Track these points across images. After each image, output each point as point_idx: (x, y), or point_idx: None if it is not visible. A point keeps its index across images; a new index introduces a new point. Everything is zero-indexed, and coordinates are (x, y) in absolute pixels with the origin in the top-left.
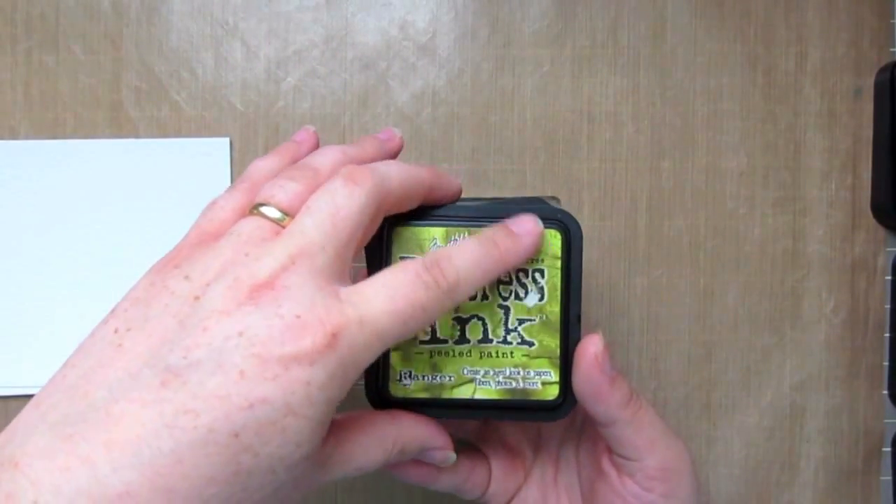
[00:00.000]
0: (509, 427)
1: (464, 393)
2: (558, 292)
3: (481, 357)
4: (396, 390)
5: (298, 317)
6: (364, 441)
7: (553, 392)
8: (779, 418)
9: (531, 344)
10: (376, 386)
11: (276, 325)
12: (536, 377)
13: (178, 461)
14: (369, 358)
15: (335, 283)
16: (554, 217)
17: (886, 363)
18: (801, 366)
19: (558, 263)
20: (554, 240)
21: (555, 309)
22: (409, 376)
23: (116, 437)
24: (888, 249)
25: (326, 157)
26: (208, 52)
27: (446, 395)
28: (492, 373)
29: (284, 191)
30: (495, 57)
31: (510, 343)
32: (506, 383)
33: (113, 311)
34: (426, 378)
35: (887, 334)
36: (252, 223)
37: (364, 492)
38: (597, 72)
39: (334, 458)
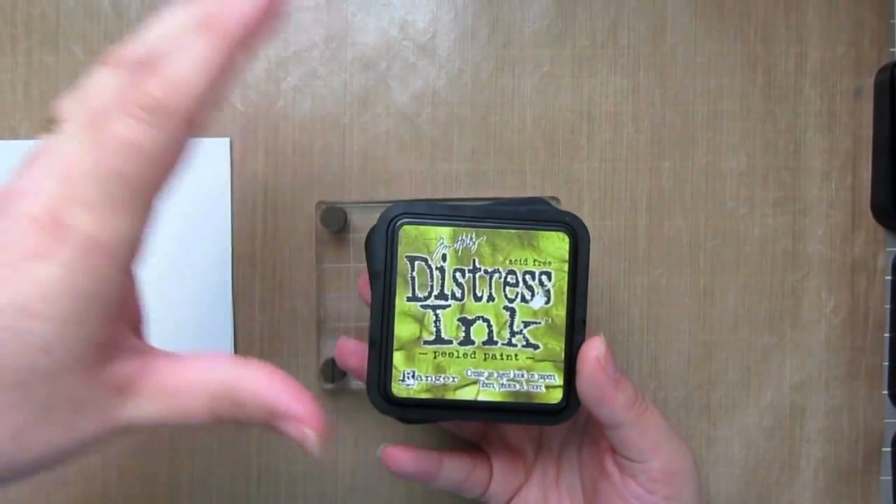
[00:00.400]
0: (511, 426)
1: (467, 394)
2: (564, 296)
3: (486, 359)
4: (399, 390)
5: (31, 216)
6: (181, 377)
7: (557, 396)
8: (779, 418)
9: (536, 347)
10: (378, 386)
11: (11, 230)
12: (541, 380)
13: None
14: (114, 238)
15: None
16: (562, 220)
17: (886, 363)
18: (801, 366)
19: (565, 266)
20: (561, 242)
21: (560, 312)
22: (413, 377)
23: None
24: (888, 249)
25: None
26: None
27: (449, 396)
28: (496, 375)
29: (69, 96)
30: (495, 57)
31: (515, 345)
32: (510, 386)
33: None
34: (429, 379)
35: (887, 334)
36: (39, 141)
37: (365, 491)
38: (597, 72)
39: (137, 389)
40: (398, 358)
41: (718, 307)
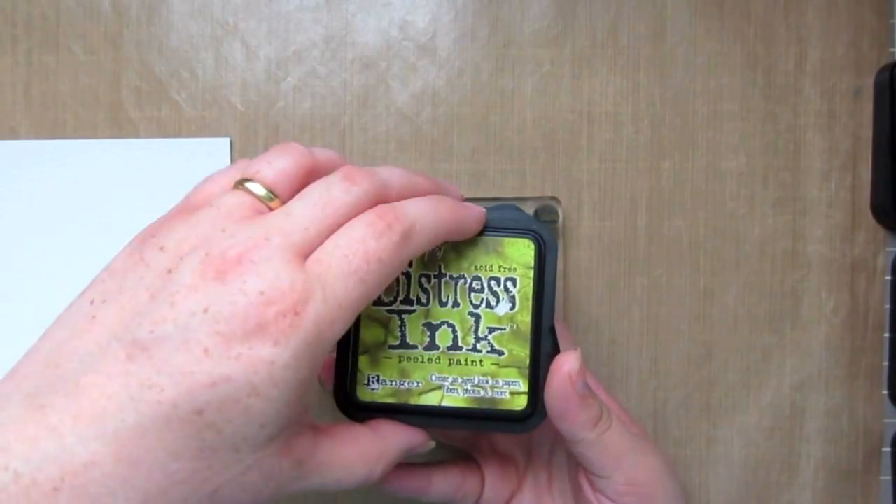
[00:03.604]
0: (499, 434)
1: (431, 400)
2: (529, 302)
3: (450, 364)
4: (364, 394)
5: (262, 293)
6: (346, 453)
7: (521, 402)
8: (779, 418)
9: (501, 353)
10: (344, 390)
11: (239, 302)
12: (505, 386)
13: (142, 434)
14: (336, 332)
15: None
16: (529, 227)
17: (886, 363)
18: (801, 366)
19: (530, 273)
20: (527, 249)
21: (525, 319)
22: (377, 381)
23: (84, 409)
24: (888, 249)
25: (329, 156)
26: (208, 52)
27: (413, 401)
28: (460, 380)
29: (272, 167)
30: (495, 57)
31: (480, 351)
32: (474, 392)
33: (92, 282)
34: (394, 383)
35: (887, 334)
36: (235, 198)
37: (365, 491)
38: (597, 72)
39: (312, 462)
40: (363, 362)
41: (718, 307)
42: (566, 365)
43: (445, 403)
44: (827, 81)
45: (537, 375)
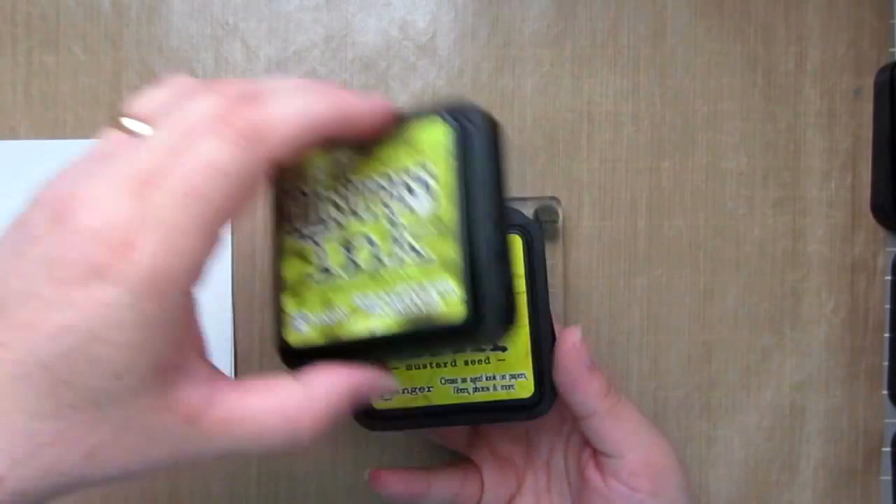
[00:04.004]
0: (497, 435)
1: (361, 329)
2: (453, 192)
3: (375, 282)
4: (292, 338)
5: (96, 231)
6: (257, 406)
7: (458, 310)
8: (779, 418)
9: (428, 258)
10: (278, 335)
11: (73, 244)
12: (436, 294)
13: (1, 396)
14: (187, 260)
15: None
16: (438, 111)
17: (886, 363)
18: (801, 366)
19: (449, 159)
20: (438, 132)
21: (451, 212)
22: (303, 319)
23: None
24: (888, 249)
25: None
26: (208, 52)
27: (343, 333)
28: (387, 299)
29: (146, 99)
30: (495, 57)
31: (404, 260)
32: (403, 309)
33: None
34: (319, 318)
35: (887, 334)
36: (104, 137)
37: (365, 491)
38: (597, 72)
39: (211, 418)
40: (286, 301)
41: (718, 307)
42: (571, 336)
43: (377, 330)
44: (827, 81)
45: (539, 358)
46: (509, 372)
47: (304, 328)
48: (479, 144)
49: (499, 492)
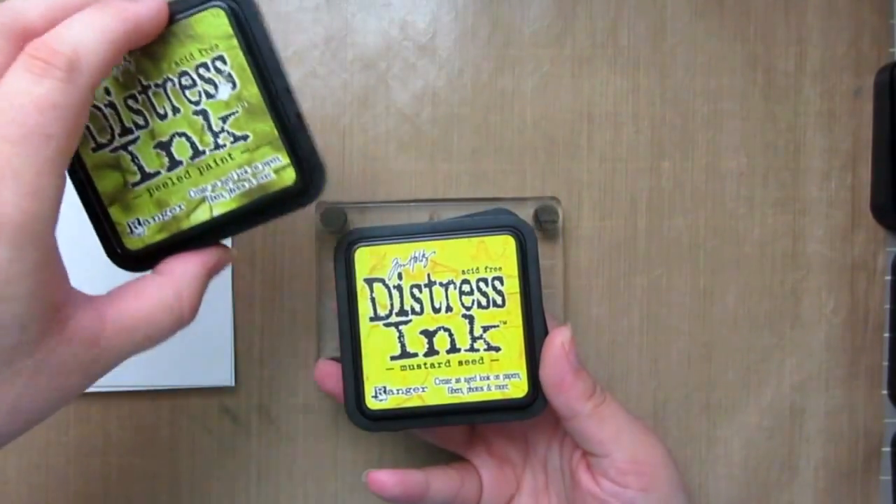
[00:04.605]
0: (495, 435)
1: (201, 216)
2: (248, 71)
3: (202, 173)
4: (133, 243)
5: None
6: (139, 309)
7: (290, 176)
8: (779, 418)
9: (245, 137)
10: (112, 247)
11: None
12: (266, 168)
13: None
14: (48, 199)
15: None
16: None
17: (886, 363)
18: (801, 366)
19: (235, 42)
20: (217, 18)
21: (253, 91)
22: (139, 224)
23: None
24: (888, 249)
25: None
26: None
27: (185, 225)
28: (219, 184)
29: None
30: (495, 57)
31: (224, 146)
32: (237, 188)
33: None
34: (156, 218)
35: (887, 334)
36: None
37: (365, 491)
38: (597, 72)
39: (107, 335)
40: (116, 213)
41: (718, 307)
42: (558, 337)
43: (217, 213)
44: (827, 81)
45: (535, 364)
46: (503, 372)
47: (142, 231)
48: (253, 23)
49: (498, 492)
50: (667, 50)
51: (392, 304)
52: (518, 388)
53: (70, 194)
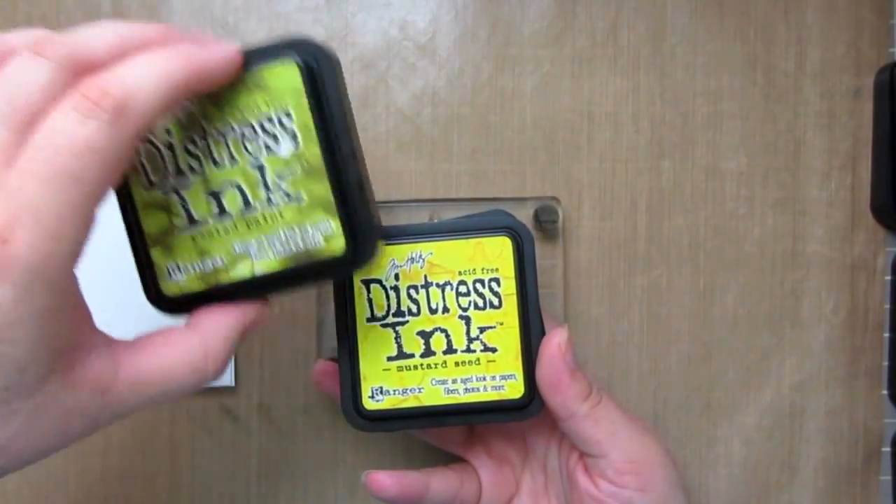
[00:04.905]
0: (493, 436)
1: (243, 272)
2: (312, 131)
3: (249, 227)
4: (169, 288)
5: None
6: (161, 362)
7: (339, 244)
8: (779, 418)
9: (299, 198)
10: (149, 288)
11: None
12: (315, 233)
13: None
14: (68, 245)
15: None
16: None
17: (886, 363)
18: (801, 366)
19: (303, 99)
20: (290, 72)
21: (315, 151)
22: (178, 270)
23: None
24: (888, 249)
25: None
26: None
27: (224, 279)
28: (266, 242)
29: None
30: (495, 57)
31: (276, 203)
32: (284, 249)
33: None
34: (195, 267)
35: (887, 334)
36: None
37: (365, 491)
38: (597, 72)
39: (120, 384)
40: (157, 254)
41: (718, 307)
42: (555, 337)
43: (259, 271)
44: (827, 81)
45: (531, 363)
46: (499, 373)
47: (180, 277)
48: (328, 81)
49: (497, 493)
50: (667, 50)
51: (389, 305)
52: (514, 389)
53: (117, 230)
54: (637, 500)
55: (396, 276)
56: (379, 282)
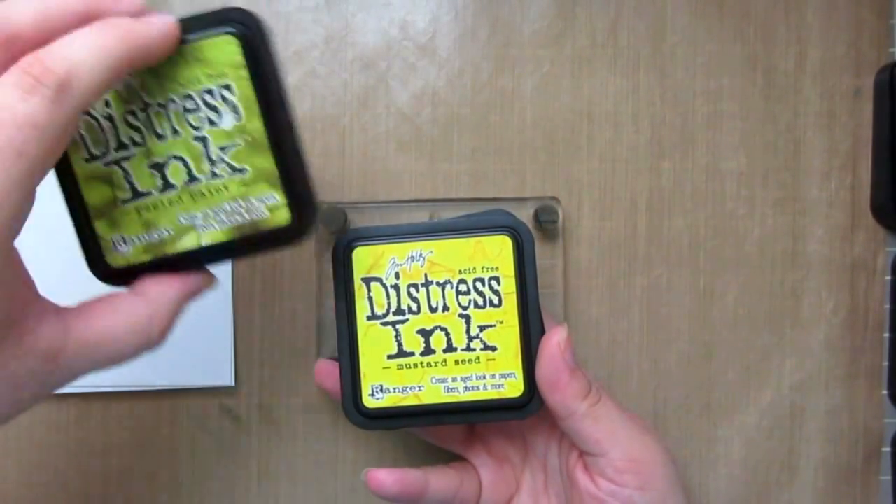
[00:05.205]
0: (493, 435)
1: (189, 243)
2: (255, 105)
3: (194, 200)
4: (116, 260)
5: None
6: (108, 327)
7: (283, 216)
8: (779, 418)
9: (243, 171)
10: (94, 259)
11: None
12: (260, 205)
13: None
14: (8, 216)
15: None
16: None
17: (886, 363)
18: (801, 366)
19: (244, 73)
20: (229, 46)
21: (257, 125)
22: (124, 242)
23: None
24: (888, 249)
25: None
26: None
27: (171, 250)
28: (211, 213)
29: None
30: (495, 57)
31: (220, 176)
32: (229, 221)
33: None
34: (141, 238)
35: (887, 334)
36: None
37: (365, 491)
38: (597, 72)
39: (69, 349)
40: (101, 227)
41: (718, 307)
42: (555, 336)
43: (205, 242)
44: (827, 81)
45: (531, 362)
46: (499, 372)
47: (126, 249)
48: (266, 53)
49: (497, 492)
50: (667, 50)
51: (389, 304)
52: (514, 388)
53: (57, 201)
54: (637, 499)
55: (397, 275)
56: (379, 280)
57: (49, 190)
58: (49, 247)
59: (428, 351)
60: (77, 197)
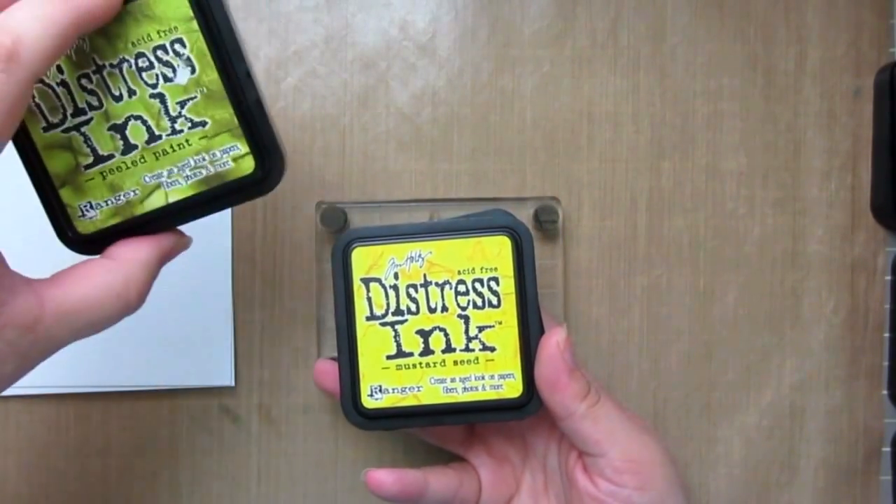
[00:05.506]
0: (493, 435)
1: (156, 202)
2: (208, 56)
3: (157, 158)
4: (85, 227)
5: None
6: (85, 294)
7: (248, 165)
8: (779, 418)
9: (203, 124)
10: (63, 229)
11: None
12: (224, 156)
13: None
14: None
15: None
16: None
17: (886, 363)
18: (801, 366)
19: (194, 25)
20: (178, 1)
21: (213, 76)
22: (91, 207)
23: None
24: (888, 249)
25: None
26: None
27: (139, 211)
28: (176, 170)
29: None
30: (495, 57)
31: (181, 131)
32: (194, 175)
33: None
34: (109, 202)
35: (887, 334)
36: None
37: (365, 491)
38: (597, 72)
39: (46, 320)
40: (66, 194)
41: (718, 307)
42: (554, 336)
43: (172, 199)
44: (827, 81)
45: (531, 363)
46: (498, 372)
47: (94, 214)
48: (215, 3)
49: (497, 492)
50: (667, 50)
51: (388, 304)
52: (513, 388)
53: (20, 174)
54: (636, 499)
55: (396, 275)
56: (378, 280)
57: (10, 164)
58: (16, 221)
59: (427, 351)
60: (39, 167)
